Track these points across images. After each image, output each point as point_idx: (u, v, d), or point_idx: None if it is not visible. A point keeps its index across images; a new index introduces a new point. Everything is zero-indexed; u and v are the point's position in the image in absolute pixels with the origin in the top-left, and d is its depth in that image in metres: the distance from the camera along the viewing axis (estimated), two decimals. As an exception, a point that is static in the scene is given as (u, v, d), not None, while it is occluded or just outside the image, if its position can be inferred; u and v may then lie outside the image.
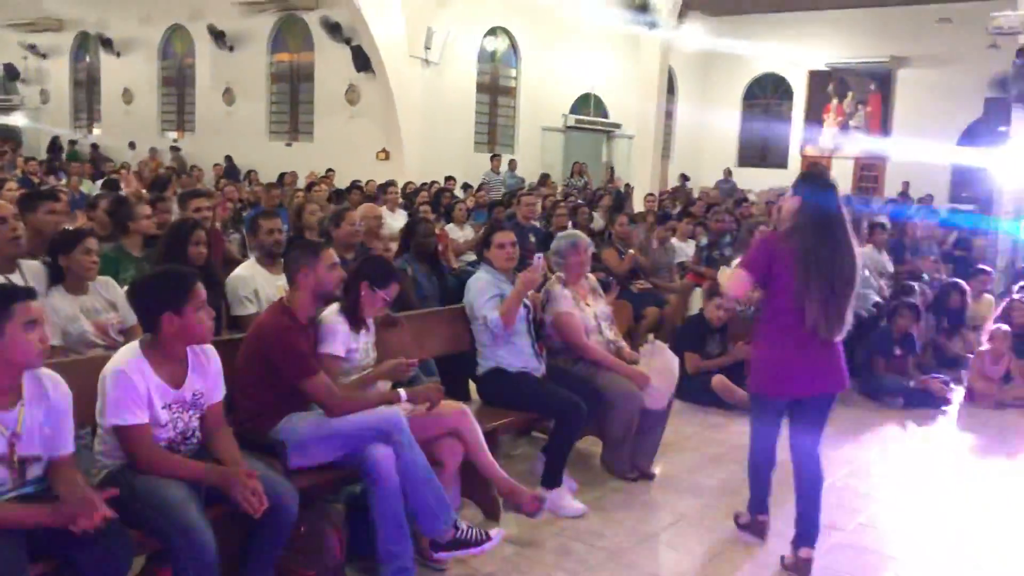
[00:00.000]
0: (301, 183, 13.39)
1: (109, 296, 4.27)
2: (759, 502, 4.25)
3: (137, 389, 2.97)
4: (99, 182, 13.49)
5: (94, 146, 20.61)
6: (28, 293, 2.73)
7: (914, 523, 4.65)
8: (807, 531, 3.90)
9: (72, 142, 21.46)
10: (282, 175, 14.07)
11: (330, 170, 15.36)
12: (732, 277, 3.95)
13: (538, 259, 4.56)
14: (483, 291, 4.65)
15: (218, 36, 18.83)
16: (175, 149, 19.49)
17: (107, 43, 21.11)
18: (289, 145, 18.66)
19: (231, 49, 18.97)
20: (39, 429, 2.75)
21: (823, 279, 3.71)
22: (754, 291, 4.02)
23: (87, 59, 22.61)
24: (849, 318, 3.85)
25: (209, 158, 17.55)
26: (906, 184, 18.50)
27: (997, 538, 4.53)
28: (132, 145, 20.03)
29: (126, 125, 21.17)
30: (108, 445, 3.06)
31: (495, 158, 16.99)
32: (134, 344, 3.11)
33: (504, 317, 4.53)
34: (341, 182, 13.78)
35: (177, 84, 20.79)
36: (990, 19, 10.77)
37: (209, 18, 18.84)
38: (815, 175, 4.07)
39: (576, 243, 5.02)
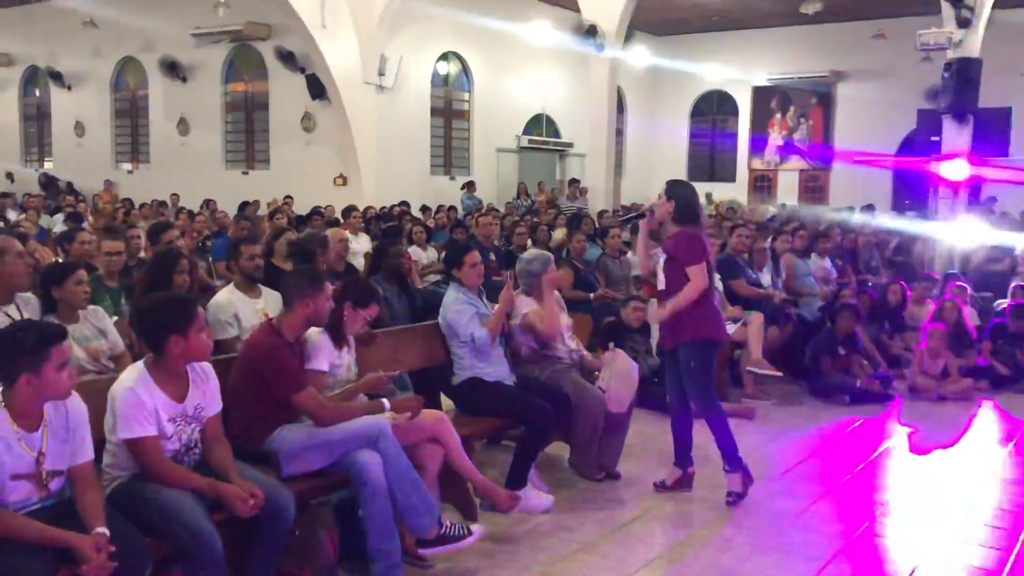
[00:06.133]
0: (262, 211, 13.58)
1: (99, 324, 4.50)
2: (736, 453, 4.93)
3: (145, 404, 3.23)
4: (56, 216, 13.57)
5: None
6: (62, 334, 2.96)
7: (860, 509, 5.01)
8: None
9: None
10: (244, 204, 14.22)
11: (288, 197, 15.57)
12: (697, 275, 4.77)
13: (508, 277, 4.93)
14: (463, 312, 4.95)
15: (171, 67, 18.95)
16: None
17: (57, 76, 21.09)
18: (246, 174, 18.82)
19: (184, 80, 19.11)
20: (60, 446, 2.99)
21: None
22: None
23: (37, 93, 22.56)
24: None
25: (165, 189, 17.62)
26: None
27: (938, 519, 4.91)
28: (70, 185, 20.03)
29: (79, 158, 21.16)
30: (117, 458, 3.30)
31: (573, 183, 16.81)
32: (139, 364, 3.36)
33: (492, 333, 4.87)
34: (300, 208, 13.98)
35: (130, 116, 20.83)
36: (918, 36, 11.35)
37: (161, 50, 18.97)
38: (684, 183, 5.10)
39: (548, 261, 5.35)
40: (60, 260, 5.67)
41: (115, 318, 4.89)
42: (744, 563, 4.22)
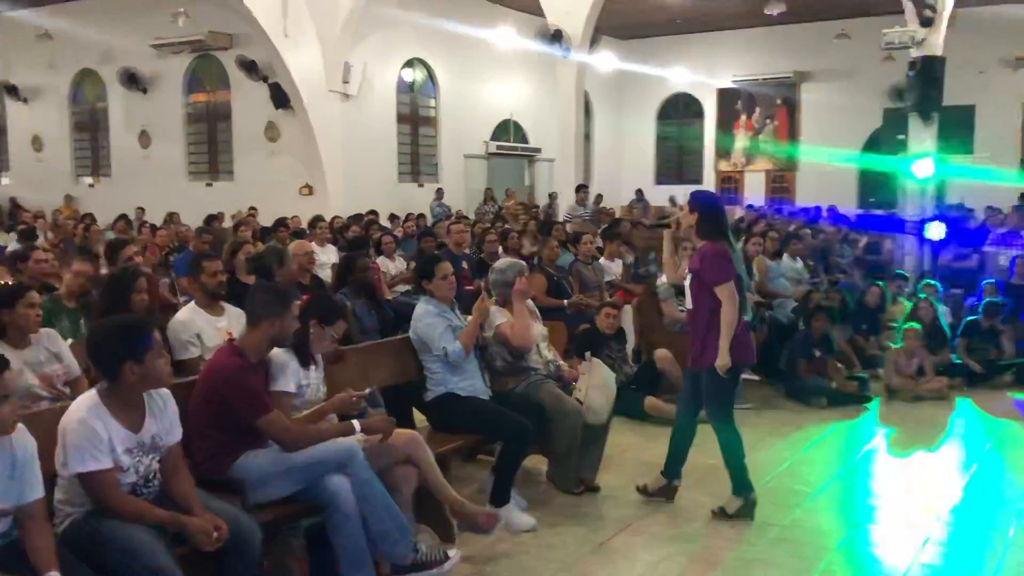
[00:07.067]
0: (227, 223, 13.32)
1: (53, 348, 4.29)
2: (746, 478, 4.77)
3: (98, 435, 3.03)
4: (12, 233, 13.22)
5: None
6: (3, 364, 2.76)
7: (845, 515, 4.93)
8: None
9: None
10: (210, 217, 13.93)
11: (253, 208, 15.29)
12: (727, 295, 4.55)
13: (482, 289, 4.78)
14: (435, 325, 4.78)
15: (131, 79, 18.59)
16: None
17: (12, 90, 20.62)
18: (210, 185, 18.49)
19: (145, 91, 18.74)
20: (6, 483, 2.79)
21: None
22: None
23: (-8, 107, 22.07)
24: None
25: (128, 202, 17.23)
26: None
27: (923, 523, 4.82)
28: (13, 200, 19.60)
29: (37, 172, 20.69)
30: (69, 494, 3.10)
31: (581, 189, 15.27)
32: (91, 392, 3.16)
33: (466, 347, 4.71)
34: (265, 219, 13.72)
35: (90, 129, 20.40)
36: (882, 35, 11.37)
37: (120, 62, 18.59)
38: (708, 193, 5.07)
39: (521, 269, 5.20)
40: (9, 282, 5.44)
41: (70, 340, 4.69)
42: (730, 578, 4.11)
